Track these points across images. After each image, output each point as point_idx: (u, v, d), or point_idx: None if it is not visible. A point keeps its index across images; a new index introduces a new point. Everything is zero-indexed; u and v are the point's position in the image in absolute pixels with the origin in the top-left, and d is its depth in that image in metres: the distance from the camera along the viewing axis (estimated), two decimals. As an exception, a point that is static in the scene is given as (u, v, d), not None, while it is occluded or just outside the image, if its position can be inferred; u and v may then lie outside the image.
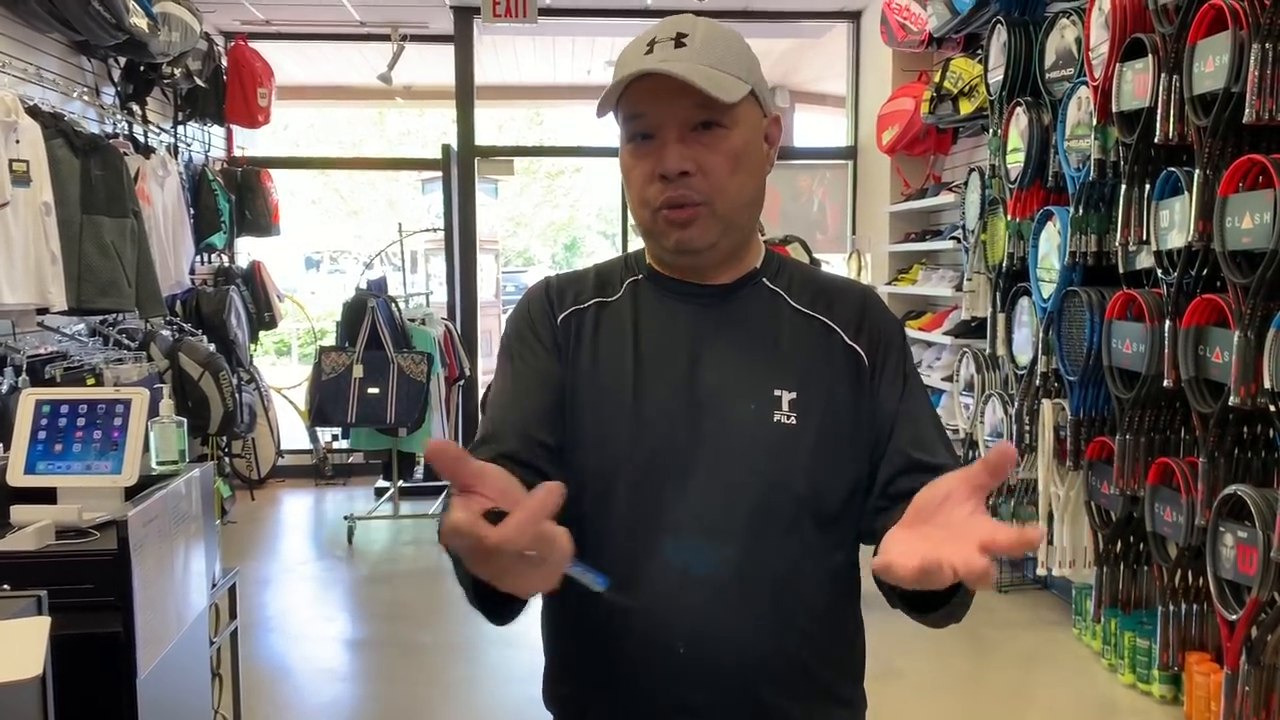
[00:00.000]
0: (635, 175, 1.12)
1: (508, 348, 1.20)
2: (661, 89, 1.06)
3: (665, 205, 1.10)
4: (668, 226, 1.11)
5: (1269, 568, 2.67)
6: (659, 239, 1.14)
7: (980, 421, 4.48)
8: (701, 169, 1.09)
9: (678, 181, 1.08)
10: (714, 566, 1.08)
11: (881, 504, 1.12)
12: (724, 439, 1.10)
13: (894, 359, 1.17)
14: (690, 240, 1.11)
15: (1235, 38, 2.72)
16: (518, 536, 0.74)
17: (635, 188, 1.13)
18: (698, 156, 1.08)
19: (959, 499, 0.85)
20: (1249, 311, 2.70)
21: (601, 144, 7.15)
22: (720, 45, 1.10)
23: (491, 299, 10.71)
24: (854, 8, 6.37)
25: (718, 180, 1.09)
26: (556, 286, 1.21)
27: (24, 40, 4.14)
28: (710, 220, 1.11)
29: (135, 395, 2.11)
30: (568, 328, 1.17)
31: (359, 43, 6.87)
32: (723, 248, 1.14)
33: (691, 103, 1.07)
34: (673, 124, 1.08)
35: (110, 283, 4.01)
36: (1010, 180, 4.12)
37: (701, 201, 1.09)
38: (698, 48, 1.08)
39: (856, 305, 1.19)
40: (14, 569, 1.79)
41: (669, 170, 1.08)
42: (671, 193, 1.09)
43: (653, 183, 1.10)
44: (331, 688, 3.69)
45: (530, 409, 1.13)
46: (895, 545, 0.86)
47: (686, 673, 1.08)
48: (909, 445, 1.13)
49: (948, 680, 3.65)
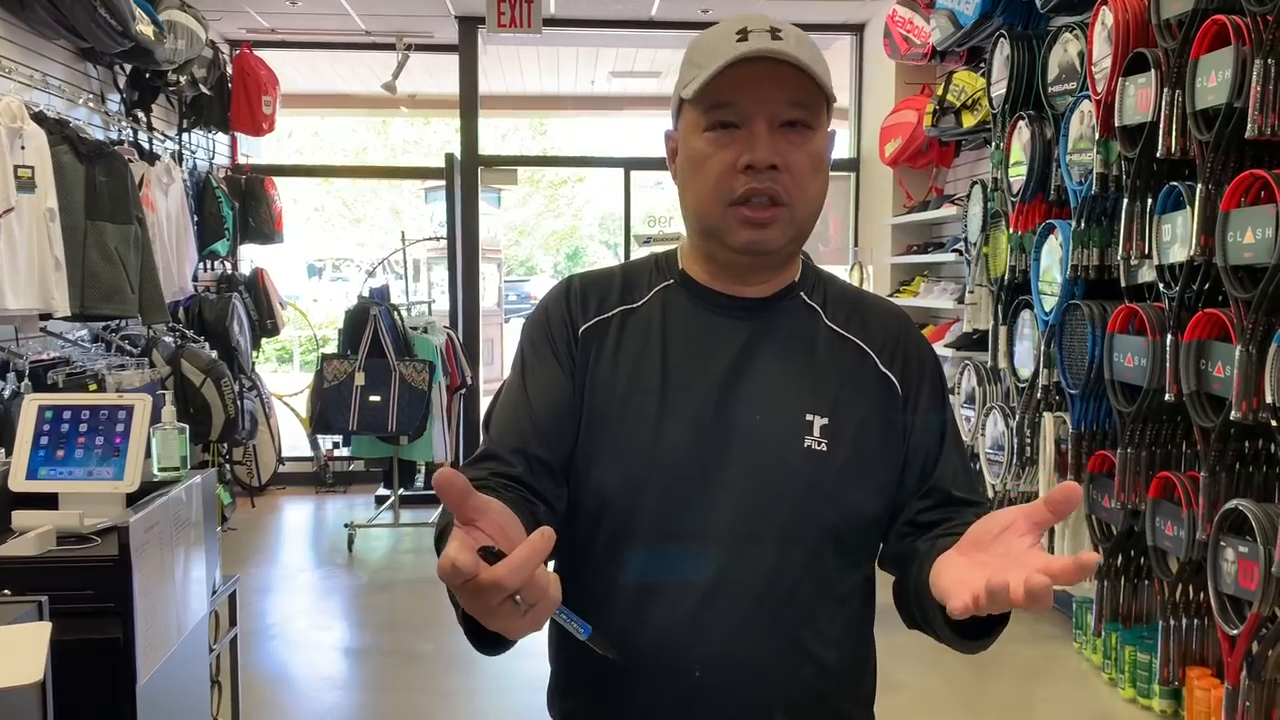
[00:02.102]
0: (713, 164, 1.06)
1: (521, 354, 1.16)
2: (760, 79, 1.02)
3: (745, 199, 1.05)
4: (739, 225, 1.06)
5: (1270, 583, 2.67)
6: (725, 235, 1.08)
7: (981, 434, 4.48)
8: (788, 167, 1.04)
9: (765, 175, 1.04)
10: (735, 590, 1.06)
11: (906, 530, 1.12)
12: (752, 460, 1.07)
13: (928, 390, 1.15)
14: (765, 241, 1.07)
15: (1238, 53, 2.73)
16: (510, 579, 0.74)
17: (709, 178, 1.06)
18: (784, 153, 1.04)
19: (1018, 531, 0.86)
20: (1250, 326, 2.70)
21: (605, 154, 7.15)
22: (810, 46, 1.05)
23: (494, 307, 10.73)
24: (857, 20, 6.39)
25: (802, 180, 1.06)
26: (579, 291, 1.16)
27: (30, 47, 4.15)
28: (788, 224, 1.07)
29: (137, 401, 2.12)
30: (589, 340, 1.13)
31: (364, 52, 6.89)
32: (785, 254, 1.11)
33: (786, 97, 1.03)
34: (764, 115, 1.04)
35: (114, 289, 4.01)
36: (1012, 193, 4.13)
37: (785, 202, 1.05)
38: (794, 43, 1.03)
39: (892, 331, 1.16)
40: (15, 574, 1.79)
41: (760, 161, 1.03)
42: (757, 185, 1.04)
43: (734, 174, 1.05)
44: (331, 695, 3.68)
45: (534, 424, 1.09)
46: (952, 571, 0.87)
47: (701, 696, 1.06)
48: (949, 483, 1.13)
49: (948, 694, 3.64)
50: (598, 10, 6.16)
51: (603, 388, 1.11)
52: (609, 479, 1.09)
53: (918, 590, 1.02)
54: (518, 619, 0.77)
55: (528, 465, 1.07)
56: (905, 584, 1.09)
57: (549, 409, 1.10)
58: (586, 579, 1.12)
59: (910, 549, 1.09)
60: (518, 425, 1.10)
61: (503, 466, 1.07)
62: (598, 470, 1.09)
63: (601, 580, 1.11)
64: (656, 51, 6.99)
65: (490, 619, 0.78)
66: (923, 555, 1.04)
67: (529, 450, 1.08)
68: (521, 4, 5.72)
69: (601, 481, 1.09)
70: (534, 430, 1.09)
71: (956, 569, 0.87)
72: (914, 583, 1.05)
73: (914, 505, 1.12)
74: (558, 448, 1.09)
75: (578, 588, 1.14)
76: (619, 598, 1.09)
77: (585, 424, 1.10)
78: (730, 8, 6.00)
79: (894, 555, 1.13)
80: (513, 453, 1.08)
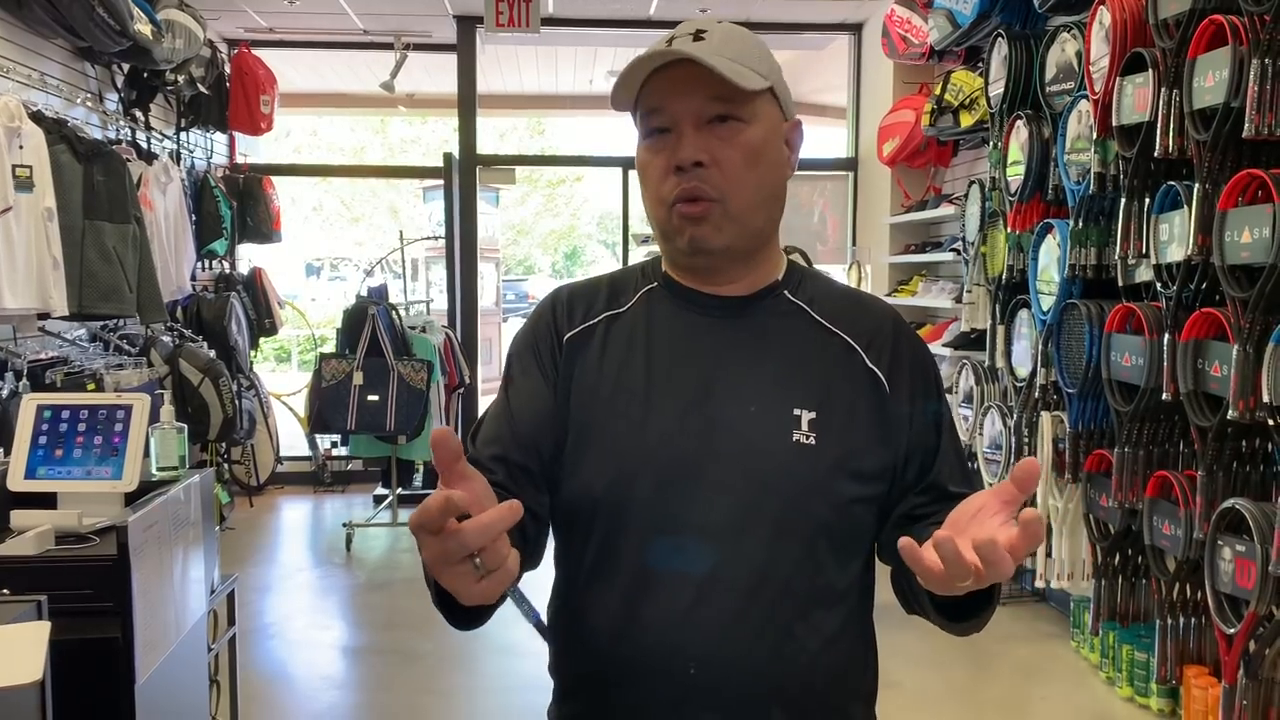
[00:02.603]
0: (651, 170, 1.09)
1: (508, 367, 1.19)
2: (679, 82, 1.05)
3: (679, 199, 1.07)
4: (681, 223, 1.09)
5: (1267, 581, 2.67)
6: (673, 238, 1.11)
7: (979, 433, 4.49)
8: (716, 161, 1.06)
9: (692, 172, 1.06)
10: (728, 587, 1.06)
11: (901, 522, 1.13)
12: (740, 457, 1.08)
13: (920, 386, 1.15)
14: (703, 238, 1.09)
15: (1235, 53, 2.74)
16: (473, 535, 0.79)
17: (651, 184, 1.10)
18: (712, 149, 1.06)
19: (991, 511, 0.90)
20: (1248, 325, 2.71)
21: (603, 154, 7.15)
22: (738, 42, 1.08)
23: (492, 307, 10.73)
24: (855, 20, 6.39)
25: (732, 174, 1.07)
26: (566, 301, 1.19)
27: (28, 46, 4.15)
28: (723, 218, 1.08)
29: (136, 401, 2.12)
30: (575, 347, 1.15)
31: (362, 51, 6.89)
32: (738, 250, 1.12)
33: (708, 95, 1.05)
34: (689, 116, 1.06)
35: (112, 288, 4.01)
36: (1010, 193, 4.13)
37: (715, 197, 1.07)
38: (716, 43, 1.06)
39: (880, 328, 1.16)
40: (14, 574, 1.79)
41: (683, 159, 1.06)
42: (685, 184, 1.06)
43: (668, 176, 1.08)
44: (329, 695, 3.69)
45: (514, 433, 1.12)
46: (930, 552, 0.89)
47: (697, 694, 1.07)
48: (946, 479, 1.14)
49: (946, 692, 3.65)
50: (596, 10, 6.16)
51: (589, 391, 1.13)
52: (598, 481, 1.10)
53: (908, 577, 1.04)
54: (472, 582, 0.81)
55: (508, 472, 1.10)
56: (900, 572, 1.11)
57: (531, 418, 1.13)
58: (580, 581, 1.13)
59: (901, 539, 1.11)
60: (499, 434, 1.13)
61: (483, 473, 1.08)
62: (587, 473, 1.10)
63: (594, 582, 1.11)
64: (655, 51, 6.98)
65: (447, 576, 0.82)
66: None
67: (509, 457, 1.10)
68: (520, 3, 5.72)
69: (591, 484, 1.10)
70: (514, 438, 1.12)
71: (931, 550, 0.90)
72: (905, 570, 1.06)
73: (910, 500, 1.13)
74: (539, 455, 1.12)
75: (572, 590, 1.14)
76: (612, 598, 1.09)
77: (574, 428, 1.12)
78: (727, 6, 6.01)
79: (888, 546, 1.14)
80: (493, 459, 1.10)
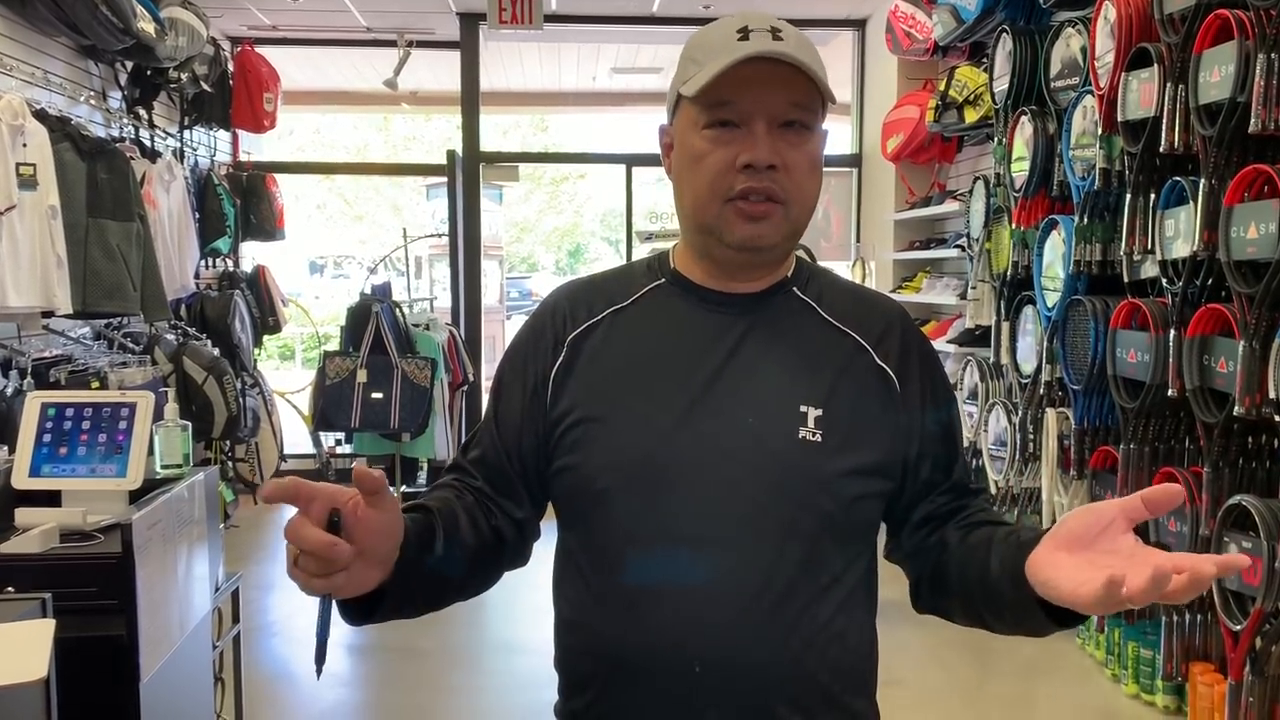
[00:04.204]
0: (711, 161, 1.07)
1: (502, 371, 1.19)
2: (756, 78, 1.03)
3: (742, 195, 1.06)
4: (737, 219, 1.07)
5: (1273, 578, 2.67)
6: (722, 232, 1.09)
7: (984, 430, 4.48)
8: (786, 166, 1.06)
9: (764, 174, 1.05)
10: (734, 584, 1.06)
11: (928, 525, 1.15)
12: (747, 453, 1.07)
13: (930, 384, 1.15)
14: (760, 237, 1.08)
15: (1241, 48, 2.73)
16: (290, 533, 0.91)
17: (706, 175, 1.07)
18: (782, 152, 1.05)
19: (1119, 529, 0.90)
20: (1254, 321, 2.70)
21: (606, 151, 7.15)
22: (809, 45, 1.06)
23: (495, 304, 10.74)
24: (859, 16, 6.38)
25: (798, 179, 1.07)
26: (566, 302, 1.18)
27: (31, 44, 4.15)
28: (783, 221, 1.08)
29: (140, 399, 2.12)
30: (577, 345, 1.14)
31: (365, 48, 6.88)
32: (780, 252, 1.12)
33: (786, 98, 1.05)
34: (763, 115, 1.05)
35: (115, 286, 4.02)
36: (1015, 189, 4.12)
37: (782, 200, 1.07)
38: (794, 43, 1.04)
39: (888, 325, 1.16)
40: (18, 572, 1.80)
41: (760, 160, 1.04)
42: (755, 184, 1.05)
43: (732, 171, 1.06)
44: (334, 693, 3.69)
45: (496, 439, 1.15)
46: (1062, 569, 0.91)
47: (702, 691, 1.06)
48: (961, 474, 1.17)
49: (951, 689, 3.64)
50: (599, 6, 6.15)
51: (594, 387, 1.12)
52: (603, 476, 1.09)
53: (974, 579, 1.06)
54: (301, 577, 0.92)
55: (488, 477, 1.14)
56: (944, 574, 1.12)
57: (515, 426, 1.15)
58: (585, 577, 1.13)
59: (938, 541, 1.13)
60: (482, 440, 1.17)
61: (465, 477, 1.15)
62: (592, 468, 1.10)
63: (599, 579, 1.11)
64: (658, 47, 6.97)
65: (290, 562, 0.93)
66: (971, 547, 1.08)
67: (489, 462, 1.15)
68: (523, 0, 5.72)
69: (596, 478, 1.10)
70: (495, 445, 1.15)
71: (1066, 566, 0.91)
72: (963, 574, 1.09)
73: (935, 500, 1.14)
74: (521, 462, 1.14)
75: (577, 588, 1.14)
76: (617, 596, 1.09)
77: (579, 424, 1.11)
78: (732, 4, 5.99)
79: (918, 549, 1.15)
80: (474, 464, 1.16)
